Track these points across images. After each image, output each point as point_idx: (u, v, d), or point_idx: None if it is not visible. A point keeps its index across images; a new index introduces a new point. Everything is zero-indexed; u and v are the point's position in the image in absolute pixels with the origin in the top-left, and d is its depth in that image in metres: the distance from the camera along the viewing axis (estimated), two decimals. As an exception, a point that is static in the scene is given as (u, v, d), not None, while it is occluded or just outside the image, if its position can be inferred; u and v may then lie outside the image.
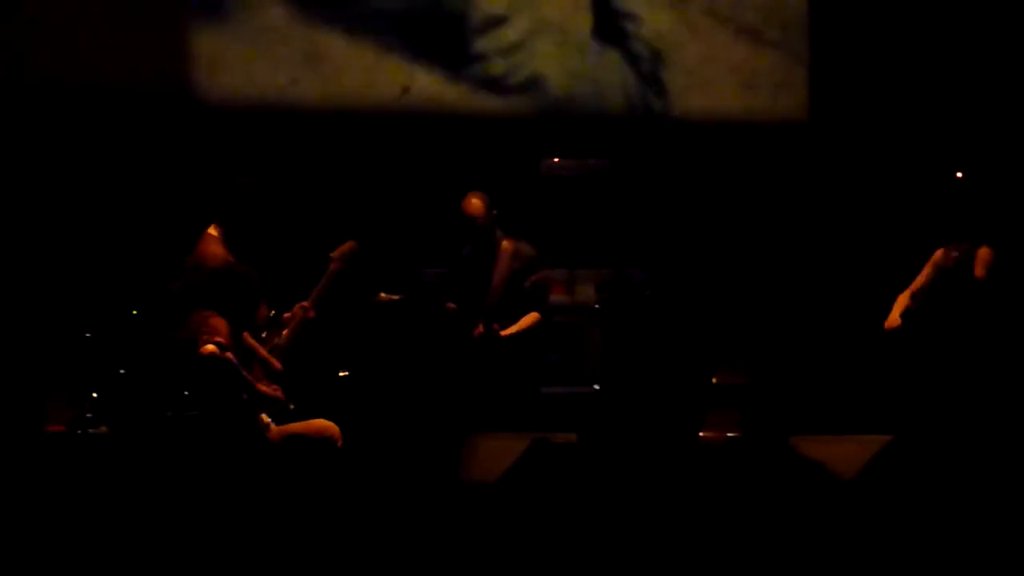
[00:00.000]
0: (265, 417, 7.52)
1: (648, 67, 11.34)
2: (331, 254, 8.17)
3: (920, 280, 8.80)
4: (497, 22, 11.23)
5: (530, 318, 8.89)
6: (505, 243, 8.93)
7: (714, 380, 8.95)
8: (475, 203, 8.93)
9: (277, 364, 7.80)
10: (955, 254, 8.62)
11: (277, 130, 10.72)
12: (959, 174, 9.21)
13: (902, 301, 8.74)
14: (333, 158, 10.82)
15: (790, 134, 11.30)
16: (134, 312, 9.64)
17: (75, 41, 10.58)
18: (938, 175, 9.64)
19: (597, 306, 10.14)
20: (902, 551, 5.13)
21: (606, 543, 5.52)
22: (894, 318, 8.69)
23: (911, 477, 5.60)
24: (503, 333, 8.82)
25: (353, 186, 10.78)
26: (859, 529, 5.25)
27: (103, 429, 9.18)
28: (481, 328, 8.82)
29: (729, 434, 8.59)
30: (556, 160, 10.71)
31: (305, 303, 8.04)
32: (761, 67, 11.40)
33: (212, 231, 8.01)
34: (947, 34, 11.09)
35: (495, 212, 8.95)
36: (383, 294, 9.96)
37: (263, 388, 7.51)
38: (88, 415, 9.22)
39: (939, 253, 8.83)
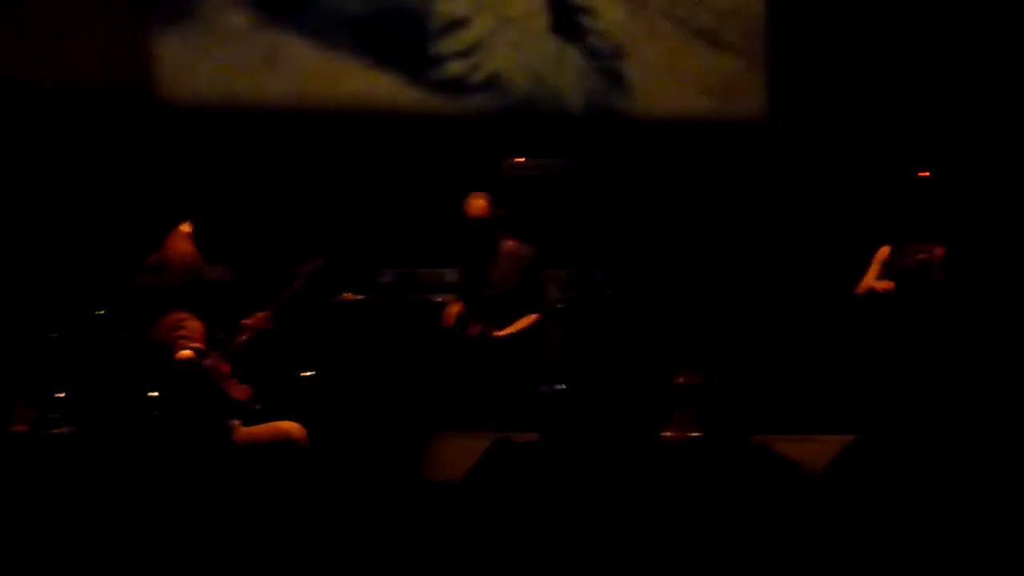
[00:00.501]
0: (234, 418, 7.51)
1: (607, 63, 11.37)
2: (299, 268, 8.14)
3: (870, 278, 8.84)
4: (458, 24, 11.25)
5: (528, 319, 8.88)
6: (507, 243, 8.90)
7: (676, 380, 8.97)
8: (477, 203, 8.90)
9: (226, 368, 7.74)
10: (922, 256, 8.67)
11: (240, 130, 10.73)
12: (923, 173, 9.28)
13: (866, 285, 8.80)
14: (295, 158, 10.84)
15: (750, 133, 11.35)
16: (100, 312, 9.62)
17: (38, 42, 10.57)
18: (896, 173, 9.71)
19: (560, 306, 10.16)
20: (868, 549, 5.17)
21: (570, 542, 5.54)
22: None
23: (876, 476, 5.63)
24: (498, 333, 8.82)
25: (315, 186, 10.79)
26: (824, 527, 5.29)
27: (67, 429, 9.17)
28: (477, 328, 8.82)
29: (691, 433, 8.63)
30: (517, 160, 10.74)
31: (263, 313, 8.00)
32: (720, 69, 11.45)
33: (184, 228, 7.98)
34: (907, 32, 11.17)
35: (499, 212, 8.93)
36: (347, 294, 9.98)
37: (234, 391, 7.50)
38: (52, 415, 9.21)
39: (885, 250, 8.88)
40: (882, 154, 10.80)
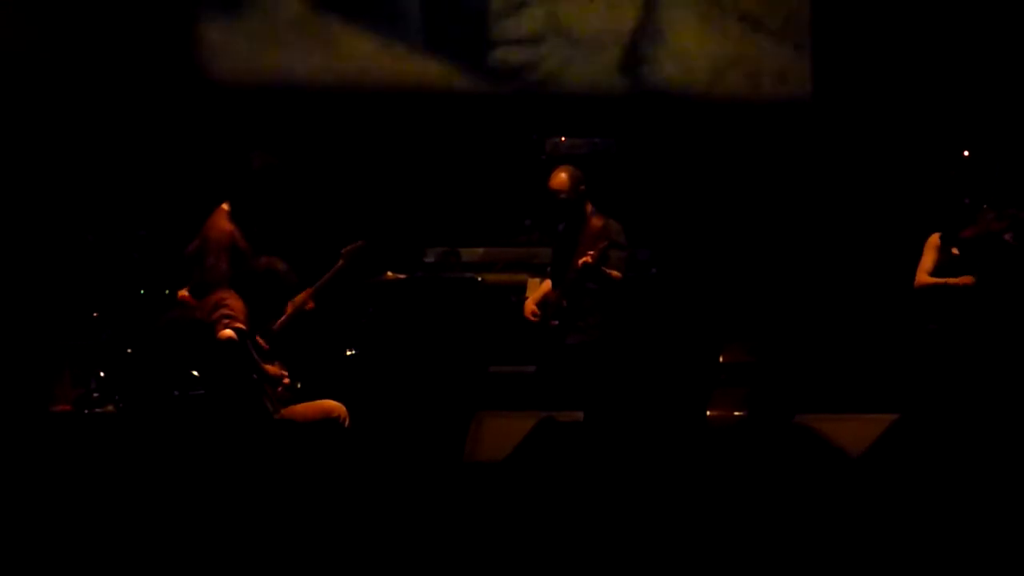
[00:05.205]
0: (274, 397, 7.52)
1: (647, 49, 11.33)
2: (342, 250, 8.13)
3: (926, 264, 8.70)
4: (515, 9, 11.22)
5: (613, 273, 8.60)
6: (594, 220, 8.74)
7: (721, 359, 8.91)
8: (560, 177, 8.73)
9: (264, 344, 7.76)
10: (1007, 224, 8.44)
11: (283, 108, 10.75)
12: (966, 153, 9.18)
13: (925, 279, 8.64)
14: (338, 137, 10.84)
15: (795, 113, 11.28)
16: (141, 292, 9.66)
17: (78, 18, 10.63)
18: (942, 154, 9.63)
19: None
20: (909, 530, 5.12)
21: (613, 523, 5.51)
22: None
23: (918, 455, 5.58)
24: (588, 260, 8.49)
25: (358, 165, 10.80)
26: (866, 507, 5.25)
27: (109, 408, 9.20)
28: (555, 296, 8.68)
29: (736, 413, 8.58)
30: (562, 140, 10.71)
31: (305, 294, 8.01)
32: (764, 56, 11.37)
33: (225, 207, 8.06)
34: (951, 11, 11.07)
35: (583, 188, 8.74)
36: (390, 273, 9.98)
37: (269, 368, 7.51)
38: (94, 394, 9.25)
39: (935, 237, 8.73)
40: (928, 133, 10.70)
